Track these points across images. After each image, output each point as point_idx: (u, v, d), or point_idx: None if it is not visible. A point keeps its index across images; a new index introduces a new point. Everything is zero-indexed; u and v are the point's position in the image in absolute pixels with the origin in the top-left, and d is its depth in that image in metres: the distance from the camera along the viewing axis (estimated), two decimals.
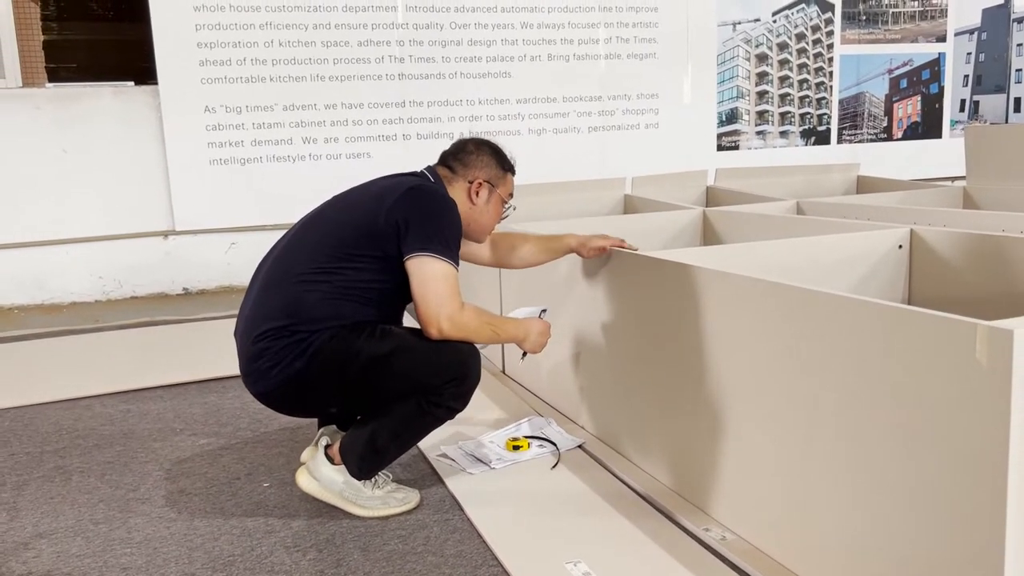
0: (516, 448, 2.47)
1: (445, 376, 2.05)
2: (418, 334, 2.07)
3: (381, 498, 2.15)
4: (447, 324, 2.01)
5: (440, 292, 2.00)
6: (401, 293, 2.10)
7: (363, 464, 2.12)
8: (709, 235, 3.42)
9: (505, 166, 2.33)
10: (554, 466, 2.37)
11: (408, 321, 2.22)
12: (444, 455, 2.48)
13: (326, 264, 2.04)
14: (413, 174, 2.26)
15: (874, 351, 1.51)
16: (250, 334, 2.06)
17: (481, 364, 2.15)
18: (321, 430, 2.34)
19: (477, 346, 2.13)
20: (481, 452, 2.48)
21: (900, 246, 2.48)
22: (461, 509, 2.15)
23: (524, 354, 2.32)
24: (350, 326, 2.02)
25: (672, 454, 2.16)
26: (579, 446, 2.50)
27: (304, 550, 1.98)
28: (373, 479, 2.16)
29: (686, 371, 2.06)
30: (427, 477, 2.37)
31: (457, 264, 2.06)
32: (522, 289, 3.04)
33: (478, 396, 2.99)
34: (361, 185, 2.25)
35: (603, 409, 2.51)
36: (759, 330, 1.80)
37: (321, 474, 2.14)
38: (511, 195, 2.36)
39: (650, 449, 2.27)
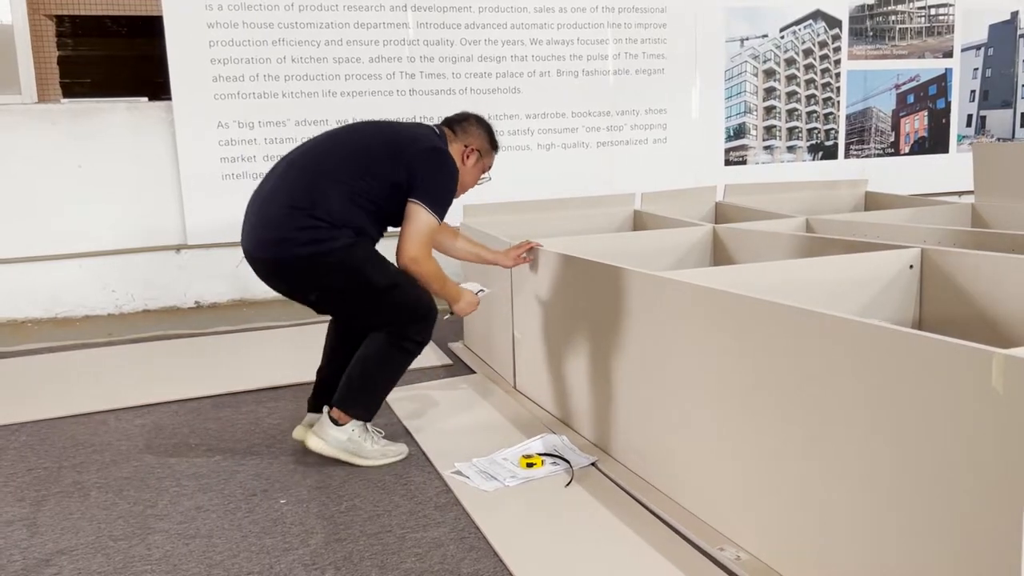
0: (530, 465, 2.49)
1: (412, 316, 2.55)
2: (404, 274, 2.54)
3: (379, 451, 2.61)
4: (412, 261, 2.50)
5: (419, 237, 2.49)
6: (392, 213, 2.54)
7: (358, 401, 2.57)
8: (719, 252, 3.44)
9: (493, 144, 2.81)
10: (568, 484, 2.39)
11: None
12: (458, 472, 2.50)
13: (353, 170, 2.47)
14: (434, 131, 2.69)
15: (889, 377, 1.53)
16: (274, 203, 2.47)
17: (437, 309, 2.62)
18: (308, 415, 2.79)
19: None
20: (495, 469, 2.50)
21: (911, 266, 2.51)
22: (476, 527, 2.17)
23: (451, 313, 2.80)
24: (360, 237, 2.47)
25: (687, 474, 2.18)
26: (592, 464, 2.52)
27: (322, 568, 2.00)
28: (371, 435, 2.60)
29: (701, 391, 2.08)
30: (441, 494, 2.39)
31: (442, 219, 2.55)
32: (533, 294, 3.07)
33: (490, 412, 3.03)
34: (392, 122, 2.75)
35: (617, 427, 2.52)
36: (772, 353, 1.82)
37: (326, 433, 2.57)
38: (490, 167, 2.84)
39: (664, 468, 2.28)
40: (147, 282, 4.61)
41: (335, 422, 2.58)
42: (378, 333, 2.58)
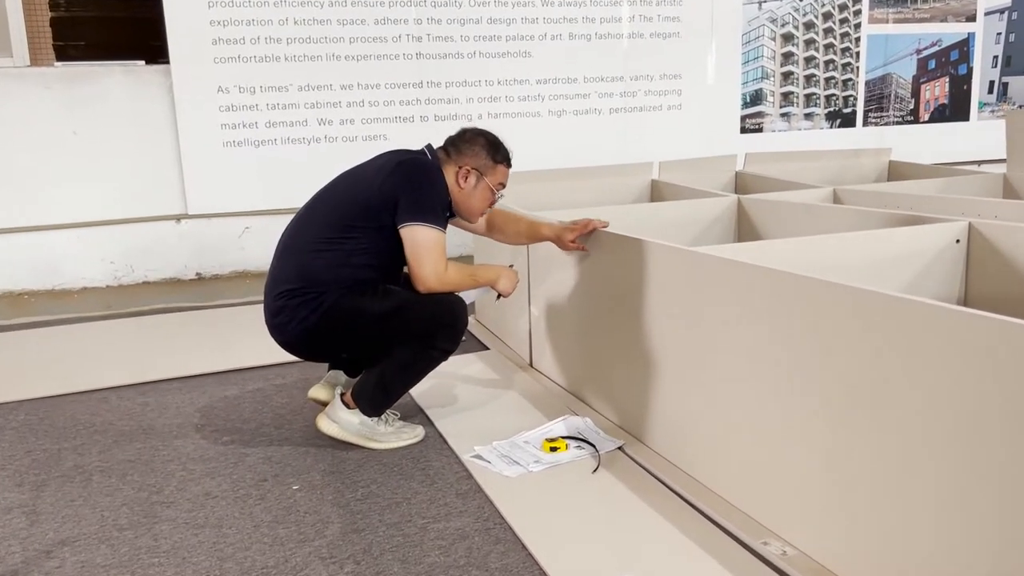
0: (553, 449, 2.38)
1: (437, 324, 2.41)
2: (413, 290, 2.40)
3: (394, 433, 2.51)
4: (434, 281, 2.36)
5: (429, 255, 2.34)
6: (396, 255, 2.40)
7: (374, 402, 2.47)
8: (744, 225, 3.30)
9: (497, 158, 2.53)
10: (595, 470, 2.27)
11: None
12: (478, 456, 2.39)
13: (330, 236, 2.38)
14: (410, 151, 2.52)
15: (953, 361, 1.40)
16: (271, 294, 2.42)
17: (467, 312, 2.49)
18: (328, 373, 2.72)
19: (465, 297, 2.51)
20: (517, 453, 2.38)
21: (957, 240, 2.37)
22: (502, 517, 2.05)
23: (498, 296, 2.61)
24: (355, 287, 2.36)
25: (724, 461, 2.06)
26: (619, 448, 2.40)
27: (341, 562, 1.89)
28: (384, 417, 2.50)
29: (740, 372, 1.95)
30: (462, 480, 2.27)
31: (443, 227, 2.40)
32: (550, 270, 2.93)
33: (507, 391, 2.92)
34: (366, 161, 2.55)
35: (644, 409, 2.40)
36: (821, 333, 1.69)
37: (339, 417, 2.47)
38: (502, 184, 2.58)
39: (698, 454, 2.17)
40: (147, 253, 4.46)
41: (347, 405, 2.50)
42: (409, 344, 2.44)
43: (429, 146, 2.56)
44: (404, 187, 2.36)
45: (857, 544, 1.65)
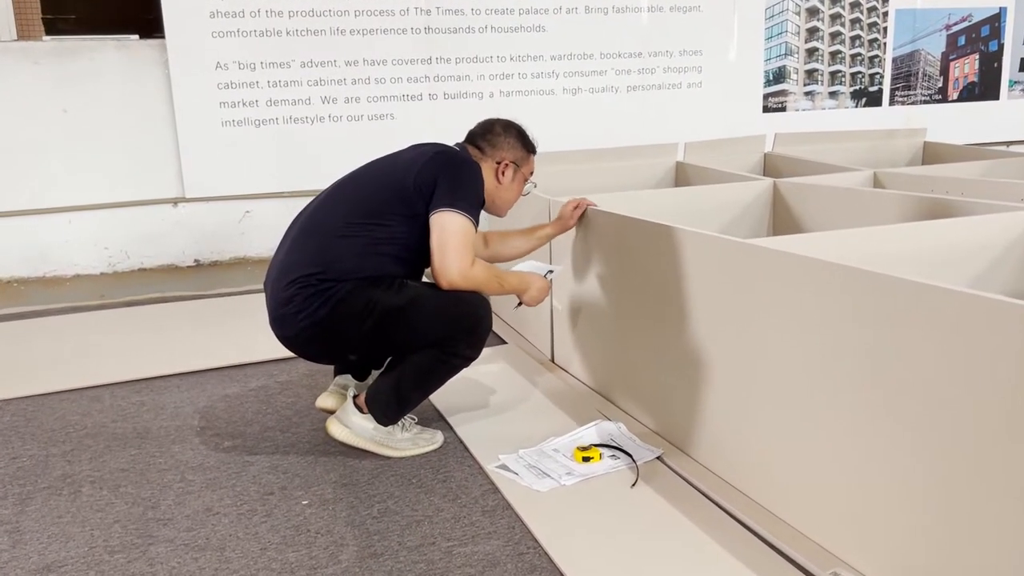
0: (586, 459, 2.17)
1: (458, 327, 2.20)
2: (433, 287, 2.19)
3: (410, 439, 2.32)
4: (458, 277, 2.15)
5: (455, 246, 2.14)
6: (426, 250, 2.20)
7: (388, 411, 2.27)
8: (780, 211, 3.09)
9: (529, 147, 2.45)
10: (634, 484, 2.07)
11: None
12: (504, 466, 2.19)
13: (358, 220, 2.19)
14: (444, 144, 2.39)
15: None
16: (281, 281, 2.19)
17: (491, 313, 2.28)
18: (336, 379, 2.51)
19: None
20: (546, 464, 2.18)
21: None
22: (535, 540, 1.85)
23: (519, 303, 2.46)
24: (372, 279, 2.15)
25: (783, 477, 1.86)
26: (657, 457, 2.20)
27: None
28: (401, 422, 2.31)
29: (806, 377, 1.75)
30: (488, 494, 2.07)
31: (476, 222, 2.20)
32: (573, 260, 2.72)
33: (530, 390, 2.71)
34: (395, 152, 2.39)
35: (685, 415, 2.20)
36: (900, 338, 1.48)
37: (352, 422, 2.28)
38: (532, 173, 2.49)
39: (751, 468, 1.96)
40: (142, 239, 4.24)
41: (360, 409, 2.30)
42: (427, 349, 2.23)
43: (460, 144, 2.43)
44: (444, 174, 2.20)
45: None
